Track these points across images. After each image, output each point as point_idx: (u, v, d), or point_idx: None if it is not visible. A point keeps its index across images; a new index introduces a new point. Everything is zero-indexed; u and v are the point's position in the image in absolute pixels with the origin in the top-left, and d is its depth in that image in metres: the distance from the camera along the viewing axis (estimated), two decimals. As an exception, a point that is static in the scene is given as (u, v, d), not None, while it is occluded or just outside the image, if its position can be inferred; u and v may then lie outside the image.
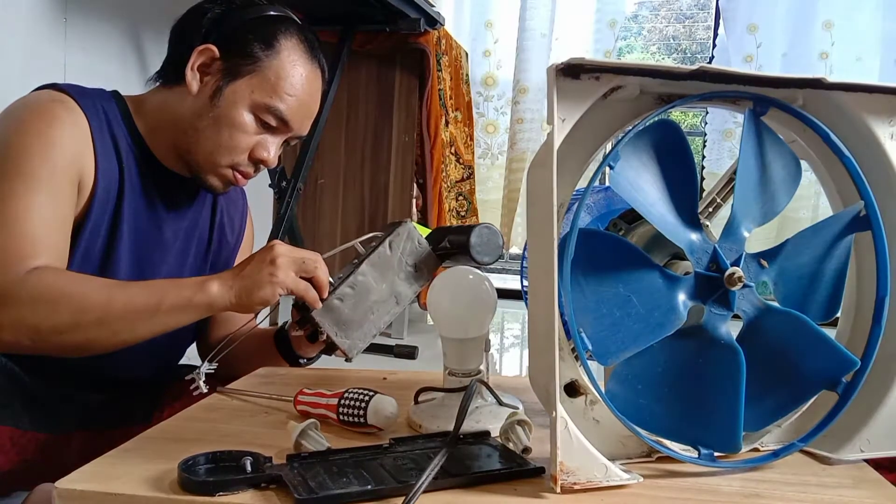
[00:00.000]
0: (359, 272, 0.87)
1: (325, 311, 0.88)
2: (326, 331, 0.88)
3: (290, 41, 1.00)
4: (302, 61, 1.00)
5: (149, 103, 1.02)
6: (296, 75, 0.99)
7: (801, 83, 0.68)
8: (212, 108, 0.97)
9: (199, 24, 0.99)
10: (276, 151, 1.02)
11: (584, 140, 0.66)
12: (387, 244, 0.89)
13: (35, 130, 0.90)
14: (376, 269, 0.87)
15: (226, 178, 1.01)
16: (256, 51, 0.98)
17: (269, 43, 0.98)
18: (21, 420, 0.88)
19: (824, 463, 0.69)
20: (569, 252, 0.60)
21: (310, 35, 1.03)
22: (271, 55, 0.98)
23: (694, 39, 5.84)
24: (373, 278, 0.88)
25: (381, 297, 0.89)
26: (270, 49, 0.98)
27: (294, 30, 1.01)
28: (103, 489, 0.58)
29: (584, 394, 0.65)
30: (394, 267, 0.88)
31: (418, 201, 2.58)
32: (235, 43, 0.98)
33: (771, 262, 0.68)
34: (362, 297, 0.88)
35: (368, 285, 0.88)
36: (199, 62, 0.98)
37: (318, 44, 1.04)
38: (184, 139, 0.99)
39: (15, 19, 1.40)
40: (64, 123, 0.92)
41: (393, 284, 0.89)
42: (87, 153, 0.94)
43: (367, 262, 0.88)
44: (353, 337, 0.88)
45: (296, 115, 1.00)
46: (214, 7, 1.00)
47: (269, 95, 0.97)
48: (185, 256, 1.09)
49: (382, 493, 0.57)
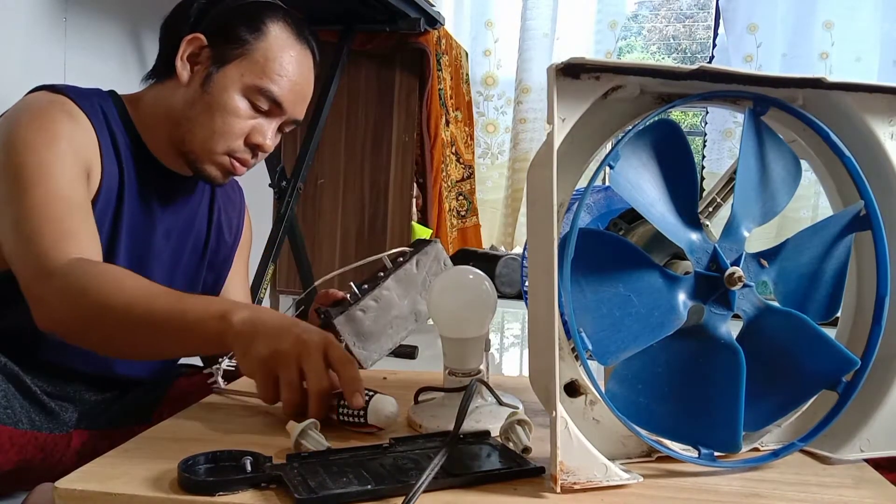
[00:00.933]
0: (384, 286, 0.89)
1: (348, 321, 0.89)
2: (346, 340, 0.89)
3: (278, 24, 1.00)
4: (290, 42, 1.00)
5: (143, 100, 1.02)
6: (285, 56, 0.99)
7: (802, 83, 0.68)
8: (203, 95, 0.97)
9: (186, 15, 1.00)
10: (273, 136, 1.02)
11: (584, 140, 0.66)
12: (414, 262, 0.90)
13: (37, 126, 0.90)
14: (401, 286, 0.88)
15: (223, 166, 1.01)
16: (244, 34, 0.98)
17: (256, 26, 0.98)
18: (20, 420, 0.88)
19: (824, 463, 0.69)
20: (569, 252, 0.60)
21: (297, 19, 1.04)
22: (259, 38, 0.98)
23: (694, 39, 5.84)
24: (396, 294, 0.90)
25: (401, 313, 0.91)
26: (258, 32, 0.98)
27: (281, 14, 1.02)
28: (103, 489, 0.58)
29: (584, 394, 0.65)
30: (417, 285, 0.89)
31: (418, 201, 2.58)
32: (223, 29, 0.98)
33: (771, 262, 0.68)
34: (384, 311, 0.90)
35: (392, 300, 0.90)
36: (188, 51, 0.98)
37: (307, 28, 1.04)
38: (178, 131, 0.99)
39: (15, 19, 1.40)
40: (66, 122, 0.92)
41: (414, 302, 0.90)
42: (92, 149, 0.94)
43: (392, 278, 0.90)
44: (370, 349, 0.90)
45: (288, 96, 1.00)
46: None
47: (258, 77, 0.97)
48: (181, 255, 1.09)
49: (382, 493, 0.57)
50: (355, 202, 2.58)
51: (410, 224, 2.52)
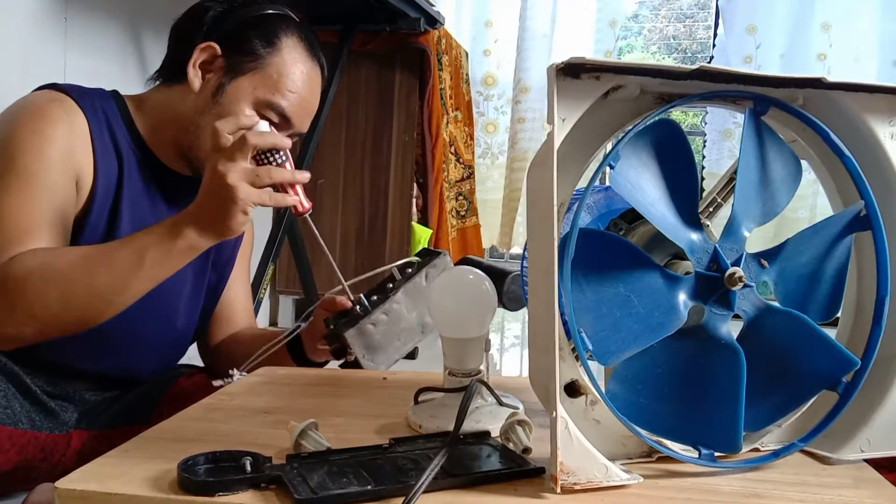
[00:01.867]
0: (394, 300, 0.92)
1: (358, 334, 0.92)
2: (355, 352, 0.92)
3: (291, 39, 1.01)
4: (303, 59, 1.01)
5: (149, 102, 1.03)
6: (297, 72, 1.00)
7: (802, 83, 0.68)
8: (214, 105, 0.98)
9: (201, 21, 1.00)
10: None
11: (584, 140, 0.66)
12: (423, 275, 0.93)
13: (31, 128, 0.91)
14: (410, 298, 0.90)
15: None
16: (258, 48, 0.98)
17: (270, 40, 0.99)
18: (20, 420, 0.88)
19: (824, 463, 0.69)
20: (569, 252, 0.60)
21: (309, 34, 1.04)
22: (273, 52, 0.99)
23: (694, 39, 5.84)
24: (405, 307, 0.93)
25: (409, 326, 0.93)
26: (272, 46, 0.99)
27: (294, 28, 1.02)
28: (103, 489, 0.58)
29: (584, 394, 0.65)
30: (425, 298, 0.90)
31: (418, 201, 2.58)
32: (237, 40, 0.99)
33: (771, 262, 0.68)
34: (394, 324, 0.92)
35: (401, 313, 0.92)
36: (201, 59, 0.98)
37: (318, 42, 1.05)
38: (186, 136, 0.99)
39: (15, 19, 1.40)
40: (61, 122, 0.93)
41: (422, 315, 0.92)
42: (85, 151, 0.94)
43: (402, 291, 0.92)
44: (378, 360, 0.93)
45: (297, 111, 1.01)
46: (216, 5, 1.01)
47: (271, 92, 0.98)
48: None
49: (382, 493, 0.57)
50: (355, 202, 2.58)
51: (410, 224, 2.52)
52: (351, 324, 0.92)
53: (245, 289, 1.24)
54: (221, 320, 1.19)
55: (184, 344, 1.16)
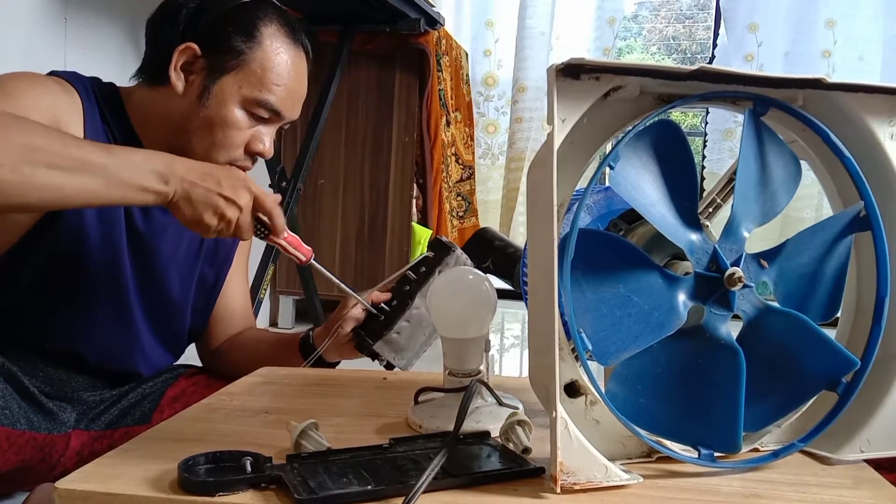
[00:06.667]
0: (413, 306, 0.99)
1: (385, 344, 1.00)
2: (386, 357, 1.01)
3: (271, 28, 0.98)
4: (285, 47, 0.99)
5: (135, 98, 1.01)
6: (281, 63, 0.98)
7: (801, 83, 0.68)
8: (201, 109, 0.96)
9: (176, 20, 0.97)
10: (272, 141, 1.02)
11: (584, 140, 0.66)
12: (437, 275, 0.98)
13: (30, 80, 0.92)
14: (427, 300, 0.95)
15: None
16: (238, 44, 0.96)
17: (249, 33, 0.96)
18: (18, 420, 0.88)
19: (824, 463, 0.69)
20: (569, 252, 0.60)
21: (288, 17, 1.02)
22: (254, 46, 0.96)
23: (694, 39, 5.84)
24: (424, 308, 0.99)
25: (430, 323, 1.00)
26: (252, 40, 0.96)
27: (273, 14, 1.00)
28: (103, 489, 0.58)
29: (584, 394, 0.65)
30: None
31: (418, 201, 2.58)
32: (216, 38, 0.96)
33: (771, 263, 0.68)
34: (416, 328, 1.00)
35: (421, 315, 1.00)
36: (182, 62, 0.96)
37: (297, 25, 1.03)
38: (177, 140, 0.98)
39: (15, 19, 1.40)
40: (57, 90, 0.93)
41: None
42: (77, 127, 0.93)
43: (419, 295, 0.99)
44: (406, 357, 1.02)
45: (286, 103, 0.99)
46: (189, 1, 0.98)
47: (257, 89, 0.96)
48: (177, 251, 1.09)
49: (382, 494, 0.57)
50: (355, 202, 2.58)
51: (410, 224, 2.52)
52: (377, 336, 1.02)
53: (243, 288, 1.24)
54: (220, 320, 1.19)
55: (182, 344, 1.15)
